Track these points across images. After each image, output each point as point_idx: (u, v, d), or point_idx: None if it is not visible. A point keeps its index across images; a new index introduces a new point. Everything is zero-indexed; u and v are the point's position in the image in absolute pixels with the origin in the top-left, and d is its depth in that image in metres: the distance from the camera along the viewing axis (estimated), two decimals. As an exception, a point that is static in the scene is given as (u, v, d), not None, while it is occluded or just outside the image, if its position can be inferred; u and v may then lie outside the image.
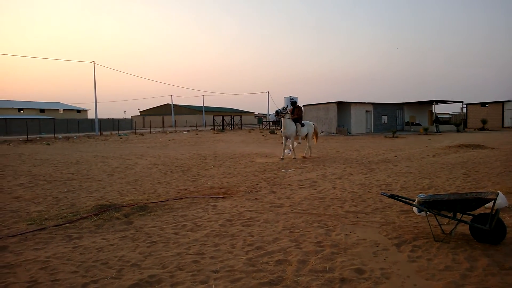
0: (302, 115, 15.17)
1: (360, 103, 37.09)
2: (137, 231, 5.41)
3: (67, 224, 5.80)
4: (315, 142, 15.90)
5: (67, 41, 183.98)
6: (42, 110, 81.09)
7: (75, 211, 6.64)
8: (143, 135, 46.23)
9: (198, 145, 23.65)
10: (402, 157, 14.58)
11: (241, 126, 61.67)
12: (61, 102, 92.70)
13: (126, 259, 4.34)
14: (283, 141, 14.57)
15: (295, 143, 15.04)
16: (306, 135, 14.86)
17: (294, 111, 14.79)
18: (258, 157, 15.44)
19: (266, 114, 71.76)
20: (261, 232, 5.27)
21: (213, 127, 58.61)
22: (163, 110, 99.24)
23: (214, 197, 7.54)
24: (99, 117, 55.60)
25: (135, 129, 64.27)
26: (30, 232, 5.46)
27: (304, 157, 14.55)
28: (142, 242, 4.94)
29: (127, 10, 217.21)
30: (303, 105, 39.74)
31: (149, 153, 18.09)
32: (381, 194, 5.65)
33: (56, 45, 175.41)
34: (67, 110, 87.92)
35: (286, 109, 14.38)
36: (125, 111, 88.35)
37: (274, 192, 7.99)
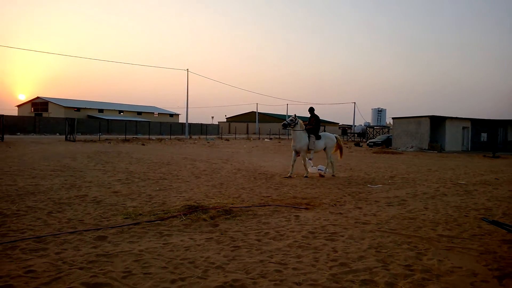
0: (319, 126, 12.88)
1: (456, 118, 34.35)
2: (222, 234, 5.55)
3: (159, 221, 6.16)
4: (339, 158, 13.46)
5: (165, 51, 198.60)
6: (139, 113, 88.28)
7: (165, 209, 7.04)
8: (228, 140, 47.93)
9: (281, 153, 23.79)
10: (504, 179, 13.11)
11: (324, 137, 60.85)
12: (156, 106, 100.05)
13: (211, 260, 4.46)
14: (293, 156, 12.62)
15: (308, 160, 12.80)
16: (325, 150, 12.77)
17: (310, 120, 12.78)
18: (342, 169, 15.03)
19: (351, 126, 69.89)
20: (345, 248, 5.07)
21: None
22: (248, 117, 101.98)
23: (297, 207, 7.46)
24: (188, 121, 58.89)
25: (221, 135, 66.88)
26: (126, 225, 5.90)
27: (321, 176, 12.50)
28: (226, 245, 5.04)
29: (220, 22, 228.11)
30: (392, 118, 37.96)
31: (234, 159, 18.64)
32: (482, 219, 5.11)
33: (155, 54, 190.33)
34: (161, 114, 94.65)
35: (295, 120, 12.43)
36: (212, 117, 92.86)
37: (360, 208, 7.67)
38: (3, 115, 34.13)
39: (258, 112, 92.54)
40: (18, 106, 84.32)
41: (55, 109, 75.26)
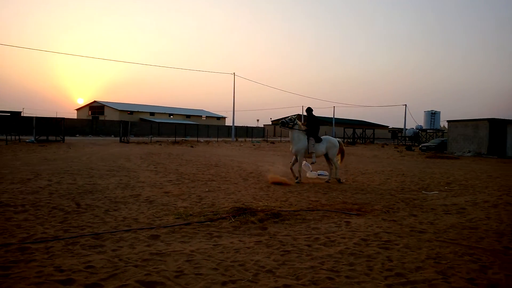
0: (318, 128, 11.89)
1: (519, 121, 32.01)
2: (271, 237, 5.51)
3: (208, 222, 6.23)
4: (339, 163, 12.31)
5: (213, 55, 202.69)
6: (188, 116, 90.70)
7: (215, 210, 7.12)
8: (274, 143, 47.96)
9: (329, 157, 23.41)
10: None
11: (373, 140, 59.14)
12: (204, 109, 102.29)
13: (261, 264, 4.42)
14: (293, 160, 11.81)
15: (307, 164, 12.05)
16: (326, 155, 11.82)
17: (308, 121, 11.95)
18: (394, 175, 14.49)
19: (402, 129, 67.45)
20: (401, 258, 4.84)
21: (343, 140, 57.55)
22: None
23: (347, 213, 7.26)
24: (235, 124, 59.60)
25: (267, 137, 67.03)
26: (177, 225, 6.02)
27: (327, 182, 11.68)
28: (276, 249, 4.99)
29: (266, 25, 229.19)
30: (447, 121, 36.16)
31: (280, 161, 18.56)
32: None
33: (203, 59, 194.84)
34: (209, 117, 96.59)
35: (294, 120, 11.62)
36: (258, 120, 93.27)
37: (415, 215, 7.32)
38: (63, 118, 36.40)
39: (304, 115, 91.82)
40: (77, 109, 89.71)
41: (110, 112, 79.15)
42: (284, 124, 11.67)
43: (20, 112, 59.38)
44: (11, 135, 30.48)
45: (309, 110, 12.05)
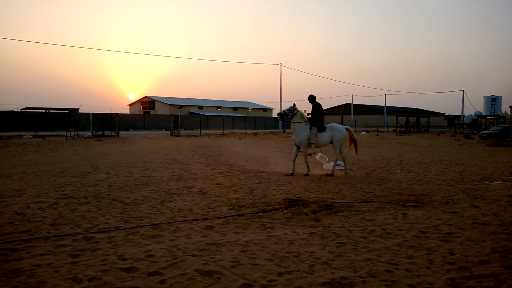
0: (322, 116, 11.19)
1: None
2: (325, 229, 5.44)
3: (261, 213, 6.27)
4: (354, 154, 11.84)
5: (259, 46, 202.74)
6: (235, 109, 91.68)
7: (266, 201, 7.14)
8: (323, 134, 47.26)
9: (380, 147, 22.71)
10: None
11: (428, 129, 56.58)
12: (251, 101, 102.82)
13: (316, 255, 4.38)
14: (294, 151, 11.25)
15: (323, 155, 11.81)
16: (332, 143, 11.17)
17: (312, 110, 11.21)
18: (452, 164, 13.77)
19: (459, 116, 63.94)
20: (463, 251, 4.59)
21: (395, 129, 55.58)
22: (343, 109, 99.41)
23: (404, 205, 7.00)
24: (282, 115, 59.22)
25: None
26: (231, 216, 6.11)
27: (328, 174, 10.89)
28: (330, 241, 4.92)
29: (312, 15, 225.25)
30: (510, 106, 33.79)
31: (330, 152, 18.26)
32: None
33: (249, 51, 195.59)
34: (255, 109, 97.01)
35: (294, 110, 10.95)
36: (305, 110, 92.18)
37: (477, 207, 6.92)
38: (118, 114, 38.14)
39: (354, 104, 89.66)
40: (130, 105, 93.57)
41: (161, 107, 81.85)
42: (282, 116, 11.01)
43: (77, 109, 63.13)
44: (70, 131, 32.41)
45: (312, 97, 11.28)
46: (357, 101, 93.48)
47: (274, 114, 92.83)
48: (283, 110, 11.07)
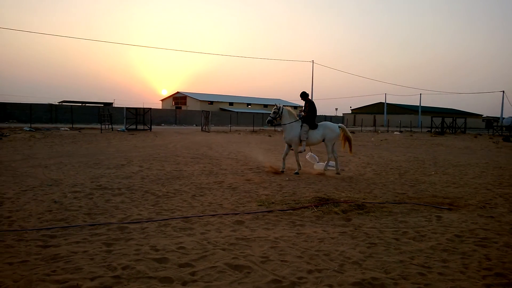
0: (314, 114, 10.87)
1: None
2: (355, 229, 5.36)
3: (291, 211, 6.25)
4: (349, 153, 11.50)
5: (290, 43, 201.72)
6: (265, 106, 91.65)
7: (296, 199, 7.12)
8: (354, 133, 46.56)
9: (414, 148, 22.12)
10: None
11: (464, 130, 54.62)
12: (281, 98, 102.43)
13: (347, 255, 4.32)
14: (285, 148, 11.08)
15: (313, 155, 11.54)
16: (324, 142, 10.82)
17: (304, 107, 10.94)
18: (490, 167, 13.24)
19: (498, 118, 61.36)
20: (501, 257, 4.42)
21: (430, 129, 53.95)
22: (375, 108, 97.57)
23: (438, 207, 6.79)
24: (313, 113, 58.79)
25: (346, 127, 65.22)
26: (260, 212, 6.13)
27: (320, 173, 10.60)
28: (361, 241, 4.84)
29: (344, 10, 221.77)
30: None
31: (362, 152, 17.97)
32: None
33: (280, 47, 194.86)
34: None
35: (279, 111, 10.71)
36: (336, 109, 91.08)
37: (517, 212, 6.63)
38: (150, 108, 38.94)
39: (387, 103, 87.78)
40: (162, 100, 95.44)
41: (192, 102, 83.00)
42: (270, 122, 10.84)
43: (112, 103, 64.90)
44: (105, 124, 33.41)
45: (304, 94, 10.95)
46: (391, 100, 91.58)
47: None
48: (271, 115, 10.88)
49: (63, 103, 57.32)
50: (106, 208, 6.21)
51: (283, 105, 10.98)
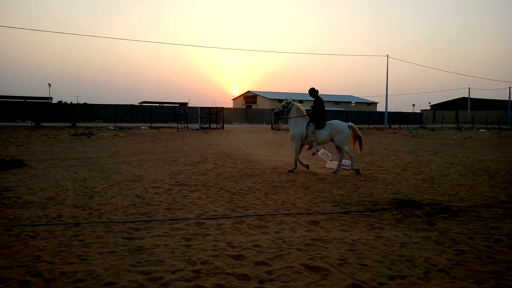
0: (322, 112, 10.40)
1: None
2: (441, 234, 4.97)
3: (368, 213, 5.99)
4: (359, 151, 10.66)
5: (364, 37, 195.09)
6: (336, 103, 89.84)
7: (373, 200, 6.81)
8: (434, 130, 43.84)
9: (503, 146, 20.17)
10: None
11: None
12: (353, 95, 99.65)
13: (432, 262, 4.02)
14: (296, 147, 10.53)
15: (325, 152, 11.13)
16: (333, 142, 10.33)
17: (313, 104, 10.49)
18: None
19: None
20: None
21: (520, 127, 48.96)
22: (458, 104, 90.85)
23: (538, 213, 6.08)
24: (388, 110, 56.54)
25: (425, 124, 61.73)
26: (335, 213, 5.95)
27: (334, 173, 9.94)
28: (448, 247, 4.48)
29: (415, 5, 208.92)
30: None
31: (444, 151, 16.79)
32: None
33: (353, 42, 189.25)
34: (358, 103, 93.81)
35: (288, 105, 10.46)
36: (413, 105, 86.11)
37: None
38: (222, 108, 40.05)
39: (471, 98, 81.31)
40: (233, 99, 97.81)
41: (262, 101, 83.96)
42: (277, 114, 10.74)
43: (187, 103, 67.89)
44: (181, 123, 35.03)
45: (313, 91, 10.46)
46: (475, 94, 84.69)
47: (379, 108, 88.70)
48: (278, 108, 10.80)
49: (143, 104, 61.23)
50: (184, 204, 6.45)
51: (293, 102, 10.88)
